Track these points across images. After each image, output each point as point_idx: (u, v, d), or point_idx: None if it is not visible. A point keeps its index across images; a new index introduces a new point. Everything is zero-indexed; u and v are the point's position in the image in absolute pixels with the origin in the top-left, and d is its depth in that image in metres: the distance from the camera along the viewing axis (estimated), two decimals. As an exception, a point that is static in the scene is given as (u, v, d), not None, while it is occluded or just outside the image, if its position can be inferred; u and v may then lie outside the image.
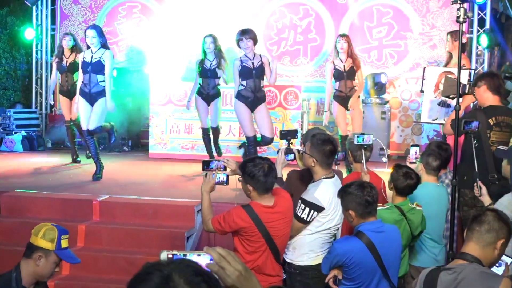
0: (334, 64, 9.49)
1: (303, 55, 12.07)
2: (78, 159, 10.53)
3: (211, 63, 9.55)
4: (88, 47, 9.05)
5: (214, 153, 9.95)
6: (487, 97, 6.55)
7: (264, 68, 8.87)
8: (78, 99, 9.19)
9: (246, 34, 8.88)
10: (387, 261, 4.69)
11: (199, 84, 9.73)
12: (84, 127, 9.13)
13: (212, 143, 10.01)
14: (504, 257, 3.78)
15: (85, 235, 7.44)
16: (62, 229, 4.48)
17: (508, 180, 5.28)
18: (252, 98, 8.89)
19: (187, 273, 1.79)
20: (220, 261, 2.02)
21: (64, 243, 4.39)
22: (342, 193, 4.81)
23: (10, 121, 12.42)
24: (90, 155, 9.95)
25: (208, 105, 9.72)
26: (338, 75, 9.57)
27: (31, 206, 7.96)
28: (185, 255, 2.06)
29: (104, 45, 9.05)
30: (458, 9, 4.93)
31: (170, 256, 2.03)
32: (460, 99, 6.08)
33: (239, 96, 8.99)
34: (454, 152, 5.28)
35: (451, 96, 6.71)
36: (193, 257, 2.05)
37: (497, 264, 3.81)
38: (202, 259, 2.04)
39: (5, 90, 13.67)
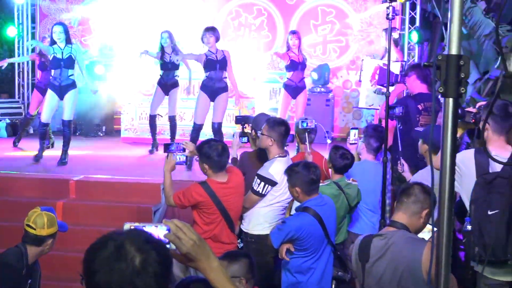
0: (289, 56, 9.50)
1: (257, 50, 12.02)
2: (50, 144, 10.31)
3: (170, 56, 9.46)
4: (54, 43, 8.80)
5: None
6: (416, 85, 6.68)
7: (226, 61, 8.82)
8: (48, 92, 8.98)
9: (210, 31, 8.84)
10: (330, 230, 4.78)
11: (160, 75, 9.65)
12: (46, 117, 8.93)
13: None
14: (429, 225, 3.82)
15: (63, 211, 7.40)
16: (51, 209, 4.62)
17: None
18: (214, 87, 8.83)
19: (138, 241, 1.78)
20: (176, 231, 2.00)
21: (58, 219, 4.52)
22: (290, 172, 4.85)
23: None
24: (49, 146, 9.89)
25: (167, 94, 9.65)
26: (292, 66, 9.58)
27: (14, 185, 7.92)
28: (144, 226, 2.07)
29: (68, 40, 8.87)
30: (387, 8, 4.97)
31: (132, 227, 2.04)
32: (393, 88, 6.13)
33: (202, 86, 8.95)
34: (385, 134, 5.30)
35: (384, 85, 6.76)
36: (151, 228, 2.06)
37: (423, 232, 3.85)
38: (160, 230, 2.03)
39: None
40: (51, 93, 8.87)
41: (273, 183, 5.33)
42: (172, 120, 9.79)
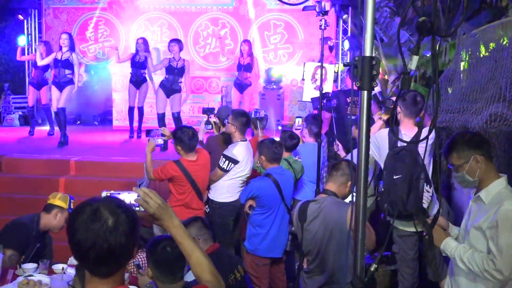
0: (239, 61, 9.63)
1: (221, 55, 11.98)
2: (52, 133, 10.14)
3: (140, 58, 9.36)
4: (60, 48, 8.79)
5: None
6: (349, 83, 6.87)
7: (184, 68, 8.74)
8: (51, 87, 8.98)
9: (174, 42, 8.80)
10: (286, 194, 4.86)
11: (130, 73, 9.54)
12: (55, 106, 8.87)
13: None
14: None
15: (65, 185, 7.33)
16: (70, 196, 4.51)
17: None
18: (169, 88, 8.75)
19: (110, 206, 1.77)
20: (144, 196, 2.03)
21: (72, 206, 4.37)
22: (260, 144, 5.02)
23: (10, 104, 12.06)
24: (51, 133, 9.91)
25: (138, 89, 9.53)
26: (238, 68, 9.74)
27: (24, 165, 7.77)
28: (119, 193, 2.07)
29: (72, 48, 8.81)
30: (320, 20, 4.99)
31: (108, 194, 2.06)
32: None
33: (161, 84, 8.87)
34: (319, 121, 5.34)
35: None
36: (125, 194, 2.06)
37: (348, 199, 3.90)
38: (131, 196, 2.06)
39: (3, 82, 13.26)
40: (54, 87, 8.86)
41: (235, 162, 5.38)
42: (141, 109, 9.76)
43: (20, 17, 12.01)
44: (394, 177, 4.13)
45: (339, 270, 3.59)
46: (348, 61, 11.83)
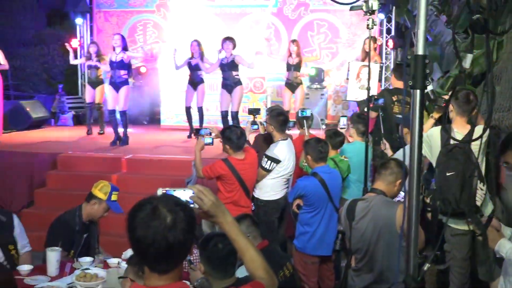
0: (288, 61, 9.50)
1: (266, 55, 11.96)
2: (102, 132, 10.34)
3: (194, 60, 9.38)
4: (113, 49, 8.90)
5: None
6: (394, 82, 6.73)
7: (234, 62, 8.79)
8: (109, 88, 9.06)
9: (228, 39, 8.86)
10: (333, 193, 4.79)
11: (188, 75, 9.56)
12: (110, 106, 8.98)
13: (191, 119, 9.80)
14: (401, 192, 3.82)
15: (117, 182, 7.38)
16: (114, 187, 4.48)
17: (403, 138, 5.32)
18: (228, 84, 8.86)
19: (169, 204, 1.78)
20: (199, 194, 2.01)
21: (114, 197, 4.38)
22: (306, 144, 4.97)
23: (64, 104, 12.33)
24: (101, 132, 10.12)
25: (195, 89, 9.56)
26: (288, 68, 9.59)
27: (78, 162, 7.91)
28: (174, 190, 2.07)
29: (124, 48, 8.91)
30: (368, 19, 4.92)
31: (164, 191, 2.04)
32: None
33: (222, 84, 8.97)
34: (366, 120, 5.26)
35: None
36: (180, 192, 2.06)
37: (397, 198, 3.84)
38: (186, 193, 2.03)
39: (58, 83, 13.61)
40: (110, 87, 8.96)
41: (277, 161, 5.37)
42: (201, 109, 9.69)
43: (78, 21, 12.28)
44: (447, 174, 4.04)
45: (388, 268, 3.55)
46: (391, 60, 11.70)
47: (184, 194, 2.05)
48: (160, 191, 2.07)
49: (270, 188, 5.46)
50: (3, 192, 7.83)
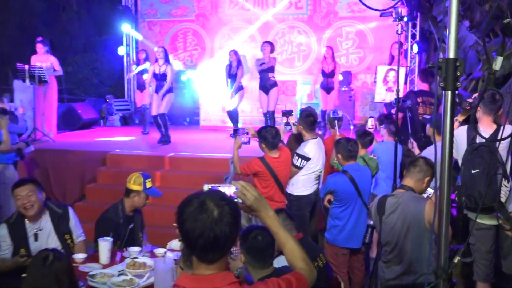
0: (323, 65, 9.43)
1: (297, 60, 11.94)
2: (146, 132, 10.42)
3: (232, 69, 9.36)
4: (156, 61, 8.97)
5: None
6: (419, 84, 6.64)
7: (272, 66, 8.80)
8: (153, 95, 9.10)
9: (267, 43, 8.95)
10: (363, 190, 4.74)
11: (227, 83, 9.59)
12: (154, 112, 9.00)
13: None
14: (428, 189, 3.76)
15: (160, 178, 7.51)
16: (146, 175, 4.45)
17: (430, 137, 5.23)
18: (264, 85, 8.88)
19: (215, 199, 1.78)
20: (242, 189, 2.01)
21: (148, 184, 4.37)
22: (336, 143, 4.92)
23: (112, 107, 12.50)
24: (146, 132, 10.20)
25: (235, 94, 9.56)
26: (323, 73, 9.51)
27: (125, 160, 8.02)
28: (219, 186, 2.07)
29: (167, 60, 8.96)
30: (397, 25, 4.85)
31: (209, 187, 2.04)
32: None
33: (259, 86, 8.99)
34: (396, 120, 5.18)
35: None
36: (224, 187, 2.06)
37: (425, 194, 3.77)
38: (231, 189, 2.03)
39: (107, 87, 13.82)
40: (155, 96, 8.99)
41: (307, 159, 5.34)
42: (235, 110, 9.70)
43: (123, 29, 12.45)
44: (473, 171, 3.96)
45: (416, 260, 3.48)
46: (415, 63, 11.49)
47: (228, 190, 2.05)
48: (206, 187, 2.07)
49: (302, 184, 5.43)
50: (58, 187, 8.01)
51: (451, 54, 2.05)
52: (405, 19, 5.25)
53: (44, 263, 2.63)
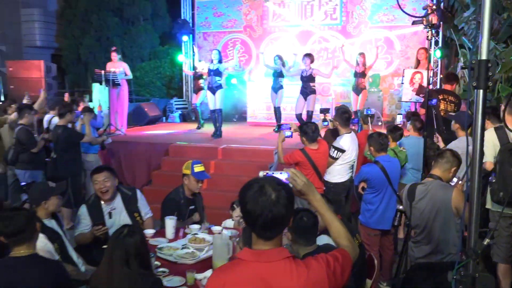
0: (355, 70, 9.27)
1: (332, 65, 11.74)
2: (201, 126, 10.48)
3: (277, 69, 9.35)
4: (211, 61, 9.05)
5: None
6: (444, 85, 6.45)
7: (312, 76, 8.74)
8: (208, 94, 9.16)
9: (307, 55, 8.83)
10: (392, 178, 4.62)
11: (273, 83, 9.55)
12: (211, 106, 9.06)
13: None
14: (454, 178, 3.62)
15: (214, 166, 7.55)
16: (195, 161, 4.45)
17: (452, 132, 5.05)
18: (304, 91, 8.82)
19: (273, 183, 1.75)
20: (293, 176, 1.98)
21: (196, 169, 4.35)
22: (369, 137, 4.82)
23: (172, 105, 12.67)
24: (199, 127, 10.16)
25: (276, 93, 9.51)
26: (355, 75, 9.34)
27: (185, 150, 8.09)
28: (273, 173, 2.04)
29: (220, 60, 9.01)
30: (427, 31, 4.68)
31: (264, 174, 2.02)
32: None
33: (300, 90, 8.92)
34: (426, 118, 5.02)
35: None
36: (278, 174, 2.03)
37: (451, 182, 3.64)
38: (283, 175, 2.00)
39: (168, 89, 14.00)
40: (209, 92, 9.07)
41: (342, 151, 5.25)
42: (279, 108, 9.67)
43: (184, 38, 12.58)
44: (511, 169, 3.73)
45: (443, 241, 3.37)
46: (438, 67, 11.13)
47: (281, 176, 2.02)
48: (261, 174, 2.04)
49: (338, 173, 5.35)
50: (129, 173, 8.18)
51: (483, 56, 1.95)
52: (435, 26, 5.06)
53: (120, 236, 2.67)
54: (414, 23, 4.91)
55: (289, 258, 1.76)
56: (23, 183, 5.45)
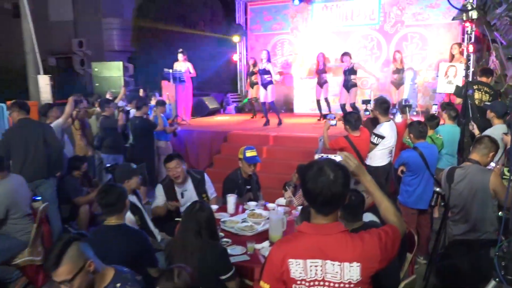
0: (394, 65, 8.92)
1: (370, 61, 11.38)
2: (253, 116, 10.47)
3: (321, 66, 9.18)
4: (262, 61, 9.01)
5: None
6: (479, 78, 6.08)
7: (353, 69, 8.47)
8: (260, 88, 9.15)
9: (345, 54, 8.58)
10: (430, 163, 4.43)
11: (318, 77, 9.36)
12: (262, 99, 9.03)
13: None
14: (491, 163, 3.41)
15: (267, 152, 7.54)
16: (247, 147, 4.45)
17: (487, 120, 4.76)
18: (346, 85, 8.59)
19: (331, 164, 1.71)
20: (346, 159, 1.93)
21: (248, 153, 4.35)
22: (409, 125, 4.63)
23: (229, 99, 12.73)
24: (252, 117, 10.08)
25: (321, 87, 9.34)
26: (394, 72, 8.96)
27: (241, 137, 8.10)
28: (328, 156, 1.98)
29: (268, 60, 8.95)
30: (466, 26, 4.39)
31: (320, 156, 1.96)
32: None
33: (343, 84, 8.70)
34: (463, 107, 4.75)
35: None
36: (332, 156, 1.97)
37: (489, 166, 3.44)
38: (337, 158, 1.93)
39: (225, 85, 14.08)
40: (261, 87, 9.02)
41: (382, 137, 5.06)
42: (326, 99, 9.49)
43: (235, 39, 12.58)
44: None
45: (480, 220, 3.20)
46: (471, 61, 10.49)
47: (335, 158, 1.96)
48: (316, 156, 2.00)
49: (378, 157, 5.18)
50: (193, 157, 8.33)
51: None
52: (474, 20, 4.73)
53: (193, 210, 2.72)
54: (454, 19, 4.62)
55: (345, 232, 1.72)
56: (107, 165, 5.69)
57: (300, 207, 3.81)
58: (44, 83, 8.17)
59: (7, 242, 3.82)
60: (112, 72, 12.03)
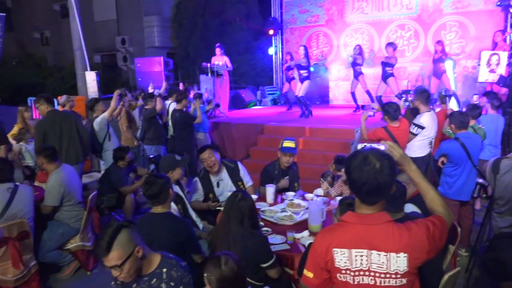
0: (434, 56, 8.58)
1: (407, 51, 10.98)
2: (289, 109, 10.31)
3: (357, 59, 8.94)
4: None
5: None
6: None
7: (389, 62, 8.22)
8: (297, 82, 9.06)
9: (389, 44, 8.40)
10: (473, 154, 4.22)
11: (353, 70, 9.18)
12: (296, 92, 8.97)
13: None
14: None
15: (303, 143, 7.46)
16: (286, 138, 4.39)
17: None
18: (383, 75, 8.34)
19: (376, 154, 1.64)
20: (390, 148, 1.85)
21: (285, 144, 4.29)
22: (450, 115, 4.43)
23: (265, 92, 12.69)
24: (289, 109, 9.99)
25: (357, 79, 9.11)
26: (434, 61, 8.64)
27: (277, 129, 8.06)
28: (370, 145, 1.91)
29: (306, 55, 8.84)
30: (509, 12, 4.12)
31: (363, 146, 1.88)
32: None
33: (381, 75, 8.48)
34: (508, 97, 4.50)
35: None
36: (376, 146, 1.89)
37: None
38: (380, 147, 1.85)
39: (261, 78, 14.03)
40: (298, 83, 8.94)
41: (422, 127, 4.88)
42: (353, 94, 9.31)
43: (270, 32, 12.50)
44: None
45: (528, 213, 3.02)
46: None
47: (378, 148, 1.89)
48: (359, 146, 1.92)
49: (417, 148, 5.00)
50: (231, 148, 8.38)
51: None
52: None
53: (236, 200, 2.72)
54: (500, 5, 4.35)
55: (391, 222, 1.66)
56: (151, 156, 5.82)
57: (338, 197, 3.74)
58: (91, 79, 8.46)
59: (61, 228, 4.00)
60: (153, 67, 12.29)
